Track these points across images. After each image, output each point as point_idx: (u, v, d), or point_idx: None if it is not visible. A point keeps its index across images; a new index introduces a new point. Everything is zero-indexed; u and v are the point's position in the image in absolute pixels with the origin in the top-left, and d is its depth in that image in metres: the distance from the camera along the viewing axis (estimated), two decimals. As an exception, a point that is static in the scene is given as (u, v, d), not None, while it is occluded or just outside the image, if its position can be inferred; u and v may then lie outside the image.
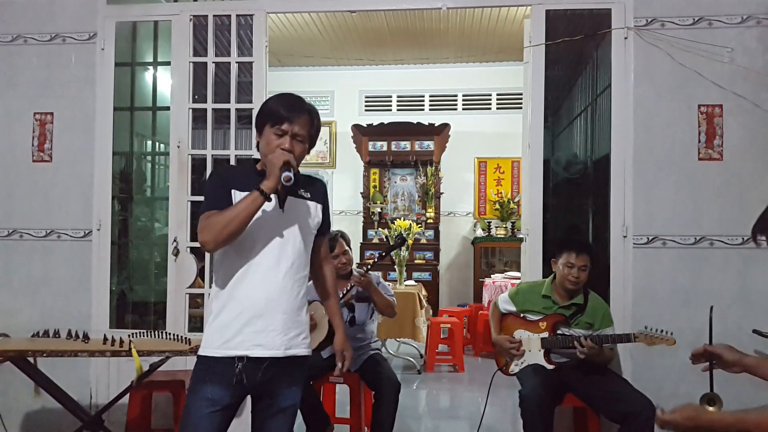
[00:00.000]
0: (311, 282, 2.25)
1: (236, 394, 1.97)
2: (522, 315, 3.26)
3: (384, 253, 3.67)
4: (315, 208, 2.11)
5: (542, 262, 3.50)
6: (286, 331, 1.98)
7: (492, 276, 6.80)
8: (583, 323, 3.14)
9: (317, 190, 2.15)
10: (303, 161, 2.07)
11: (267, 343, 1.95)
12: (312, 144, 2.08)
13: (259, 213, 1.94)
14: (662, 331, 2.86)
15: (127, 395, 3.15)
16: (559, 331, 3.13)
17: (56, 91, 3.71)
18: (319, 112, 2.16)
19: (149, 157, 4.33)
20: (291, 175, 1.89)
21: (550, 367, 3.11)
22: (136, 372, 2.74)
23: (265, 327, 1.96)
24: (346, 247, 3.54)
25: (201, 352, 1.99)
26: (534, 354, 3.16)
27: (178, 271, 3.62)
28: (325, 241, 2.25)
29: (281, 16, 6.32)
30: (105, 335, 2.93)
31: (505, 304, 3.33)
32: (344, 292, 3.43)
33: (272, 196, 1.95)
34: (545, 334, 3.14)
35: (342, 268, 3.50)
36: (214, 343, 1.97)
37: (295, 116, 1.99)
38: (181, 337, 3.01)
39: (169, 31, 3.73)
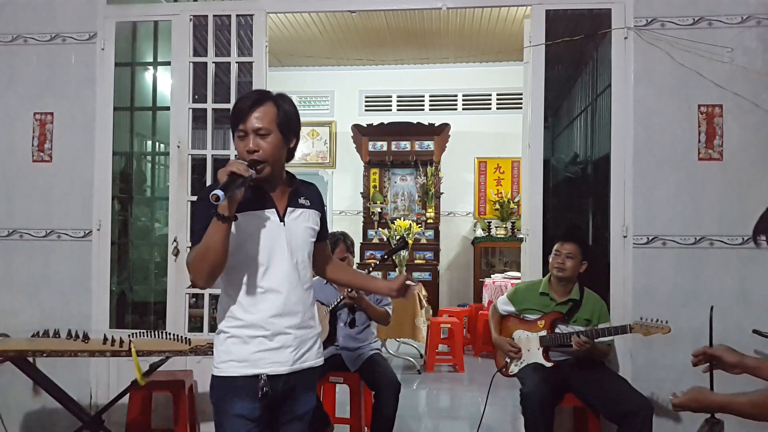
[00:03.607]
0: (316, 278, 2.21)
1: (264, 405, 1.90)
2: (521, 315, 3.28)
3: (386, 256, 3.67)
4: (314, 215, 2.02)
5: (542, 262, 3.51)
6: (300, 345, 1.93)
7: (492, 276, 6.80)
8: (581, 320, 3.17)
9: (315, 198, 2.05)
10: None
11: (283, 360, 1.90)
12: (289, 131, 1.92)
13: (246, 228, 1.86)
14: (657, 320, 2.88)
15: (127, 395, 3.16)
16: (557, 329, 3.15)
17: (56, 91, 3.71)
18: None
19: (149, 157, 4.33)
20: (218, 193, 1.65)
21: (549, 364, 3.12)
22: (138, 377, 2.74)
23: (281, 345, 1.90)
24: (346, 253, 3.51)
25: (219, 373, 1.90)
26: (533, 353, 3.18)
27: (178, 271, 3.62)
28: (325, 245, 2.18)
29: (281, 16, 6.32)
30: (105, 335, 2.93)
31: (504, 305, 3.38)
32: (338, 300, 3.44)
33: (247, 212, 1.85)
34: (543, 333, 3.17)
35: None
36: (232, 363, 1.89)
37: (246, 112, 1.85)
38: (181, 337, 3.02)
39: (169, 31, 3.73)
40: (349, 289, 3.38)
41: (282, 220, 1.92)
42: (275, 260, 1.89)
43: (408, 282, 2.14)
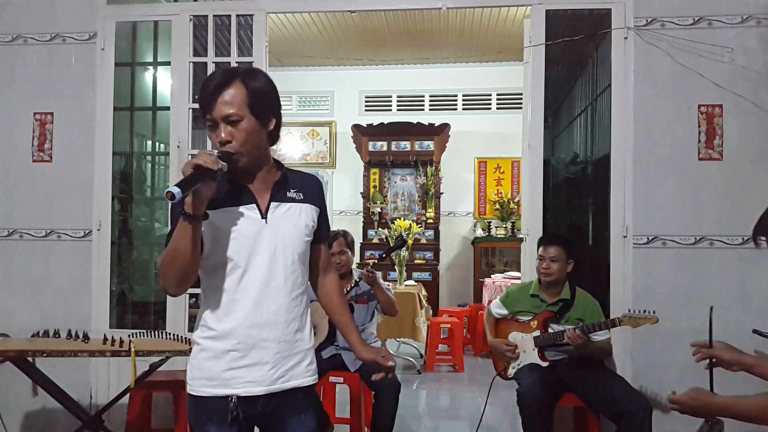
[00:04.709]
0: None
1: (241, 430, 1.69)
2: (514, 317, 3.31)
3: (384, 255, 3.69)
4: (309, 210, 1.75)
5: (542, 262, 3.51)
6: (281, 362, 1.68)
7: (492, 276, 6.80)
8: (573, 319, 3.18)
9: (311, 190, 1.79)
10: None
11: (259, 379, 1.66)
12: (265, 112, 1.66)
13: (228, 226, 1.65)
14: (645, 311, 2.89)
15: (127, 395, 3.16)
16: (550, 328, 3.17)
17: (56, 91, 3.71)
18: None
19: (149, 157, 4.33)
20: (173, 191, 1.45)
21: (545, 364, 3.14)
22: (132, 381, 2.78)
23: (257, 360, 1.66)
24: (345, 248, 3.54)
25: (191, 392, 1.70)
26: (529, 354, 3.20)
27: (178, 271, 3.61)
28: (324, 249, 1.90)
29: (281, 16, 6.32)
30: (105, 335, 2.93)
31: (498, 309, 3.42)
32: (353, 283, 3.46)
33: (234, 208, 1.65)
34: (537, 333, 3.19)
35: (338, 268, 3.50)
36: (203, 382, 1.68)
37: (211, 99, 1.61)
38: (181, 337, 3.02)
39: (169, 31, 3.73)
40: (367, 270, 3.44)
41: (264, 216, 1.68)
42: (254, 263, 1.66)
43: (388, 363, 1.91)
